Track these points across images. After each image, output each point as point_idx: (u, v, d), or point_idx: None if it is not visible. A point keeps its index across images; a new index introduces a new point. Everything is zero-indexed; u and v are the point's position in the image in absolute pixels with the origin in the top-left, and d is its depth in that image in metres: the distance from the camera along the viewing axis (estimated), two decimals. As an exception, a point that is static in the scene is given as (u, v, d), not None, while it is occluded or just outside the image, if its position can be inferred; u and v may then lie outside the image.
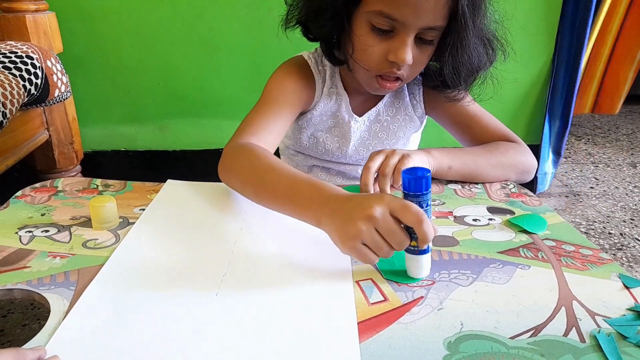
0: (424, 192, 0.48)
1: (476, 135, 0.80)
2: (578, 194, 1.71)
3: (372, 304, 0.45)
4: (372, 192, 0.63)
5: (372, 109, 0.80)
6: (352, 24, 0.67)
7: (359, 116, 0.80)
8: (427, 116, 0.85)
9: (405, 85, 0.81)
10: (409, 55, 0.64)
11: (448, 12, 0.62)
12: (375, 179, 0.64)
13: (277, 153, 0.95)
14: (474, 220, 0.61)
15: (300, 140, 0.86)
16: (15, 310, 0.98)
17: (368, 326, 0.42)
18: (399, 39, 0.64)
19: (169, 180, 0.70)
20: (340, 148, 0.83)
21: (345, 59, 0.71)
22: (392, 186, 0.63)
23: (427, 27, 0.63)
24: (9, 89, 0.84)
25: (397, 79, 0.69)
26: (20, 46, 0.97)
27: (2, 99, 0.81)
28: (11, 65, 0.91)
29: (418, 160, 0.64)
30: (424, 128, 0.88)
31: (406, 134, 0.84)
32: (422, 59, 0.68)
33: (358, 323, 0.42)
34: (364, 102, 0.80)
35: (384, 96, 0.80)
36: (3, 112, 0.81)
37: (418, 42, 0.65)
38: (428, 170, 0.49)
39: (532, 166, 0.76)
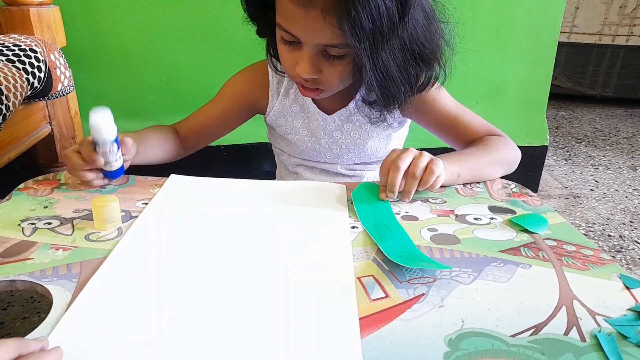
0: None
1: (461, 135, 0.80)
2: (578, 196, 1.72)
3: (373, 300, 0.45)
4: (397, 192, 0.63)
5: (343, 109, 0.80)
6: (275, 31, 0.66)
7: (329, 114, 0.80)
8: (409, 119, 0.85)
9: None
10: (308, 69, 0.63)
11: (341, 30, 0.56)
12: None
13: (272, 156, 0.96)
14: (476, 219, 0.61)
15: (277, 141, 0.87)
16: (16, 303, 0.99)
17: (369, 322, 0.42)
18: (301, 52, 0.63)
19: (172, 175, 0.70)
20: (313, 146, 0.84)
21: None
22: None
23: (324, 44, 0.61)
24: (12, 81, 0.84)
25: (316, 89, 0.68)
26: (23, 39, 0.97)
27: (6, 92, 0.81)
28: (14, 58, 0.91)
29: (442, 166, 0.64)
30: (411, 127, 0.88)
31: (381, 135, 0.83)
32: (334, 72, 0.64)
33: (359, 319, 0.42)
34: (334, 101, 0.79)
35: (355, 95, 0.79)
36: (6, 104, 0.81)
37: (326, 56, 0.63)
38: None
39: (519, 158, 0.77)
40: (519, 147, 0.78)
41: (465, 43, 0.76)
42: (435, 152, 0.67)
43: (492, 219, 0.61)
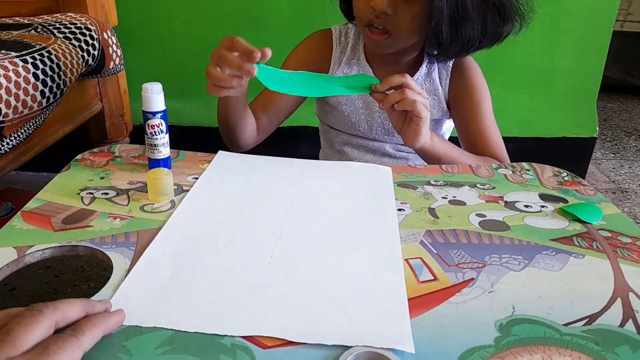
0: None
1: (474, 138, 0.81)
2: (626, 191, 1.65)
3: (421, 282, 0.45)
4: (385, 88, 0.66)
5: None
6: None
7: None
8: None
9: (436, 67, 0.81)
10: (384, 1, 0.65)
11: None
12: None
13: (316, 132, 0.96)
14: (526, 206, 0.59)
15: (328, 114, 0.87)
16: (67, 271, 1.03)
17: (418, 303, 0.42)
18: None
19: (220, 151, 0.71)
20: (367, 119, 0.85)
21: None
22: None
23: None
24: (69, 58, 0.88)
25: (385, 32, 0.70)
26: (79, 18, 1.00)
27: (63, 67, 0.84)
28: (71, 36, 0.94)
29: (428, 112, 0.66)
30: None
31: (433, 116, 0.84)
32: (409, 14, 0.67)
33: (408, 299, 0.42)
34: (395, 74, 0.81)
35: (415, 72, 0.80)
36: (64, 80, 0.84)
37: None
38: None
39: None
40: (567, 138, 0.77)
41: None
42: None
43: (543, 207, 0.59)
